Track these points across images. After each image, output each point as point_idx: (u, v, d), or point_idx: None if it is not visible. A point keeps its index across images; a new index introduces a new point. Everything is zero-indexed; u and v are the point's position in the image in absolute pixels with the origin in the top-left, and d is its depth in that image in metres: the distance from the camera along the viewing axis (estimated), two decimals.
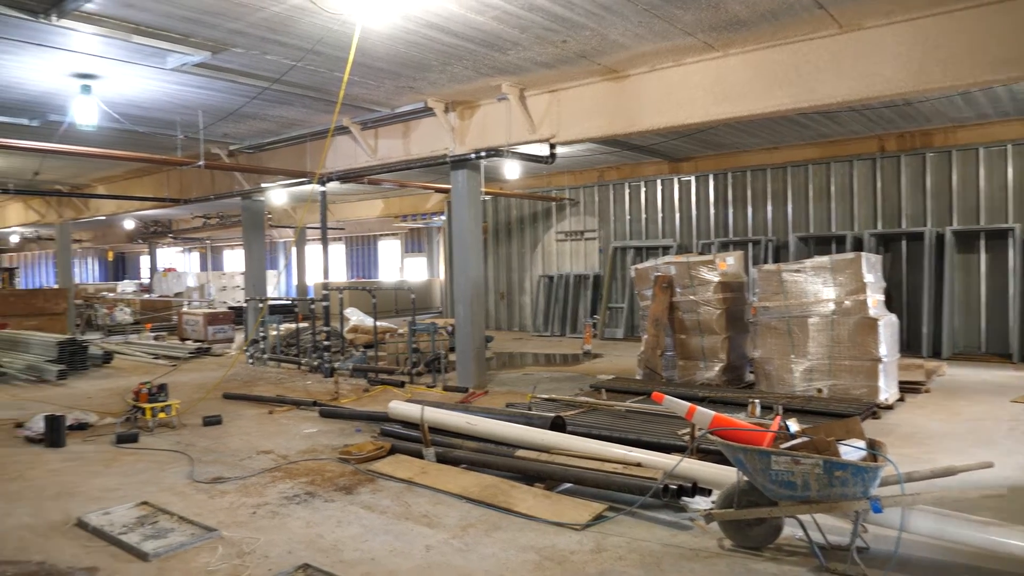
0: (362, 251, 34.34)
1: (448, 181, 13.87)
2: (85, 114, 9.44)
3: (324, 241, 12.89)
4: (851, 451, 4.32)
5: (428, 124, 11.32)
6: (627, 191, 17.60)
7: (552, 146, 10.63)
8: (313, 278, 24.89)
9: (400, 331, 13.57)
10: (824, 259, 9.06)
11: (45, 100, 10.01)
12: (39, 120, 10.92)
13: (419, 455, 6.73)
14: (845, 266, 8.85)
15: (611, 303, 17.52)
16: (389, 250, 33.45)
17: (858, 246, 13.63)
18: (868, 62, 7.53)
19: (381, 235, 33.34)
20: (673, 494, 5.26)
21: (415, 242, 31.88)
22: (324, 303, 12.64)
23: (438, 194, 21.14)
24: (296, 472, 6.53)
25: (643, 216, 17.34)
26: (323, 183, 12.85)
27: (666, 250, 16.56)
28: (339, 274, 34.02)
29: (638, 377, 10.40)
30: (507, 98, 10.00)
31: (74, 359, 12.90)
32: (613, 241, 17.72)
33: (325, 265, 12.75)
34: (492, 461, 6.29)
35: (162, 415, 8.42)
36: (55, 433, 7.69)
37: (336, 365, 12.13)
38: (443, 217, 22.21)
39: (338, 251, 34.57)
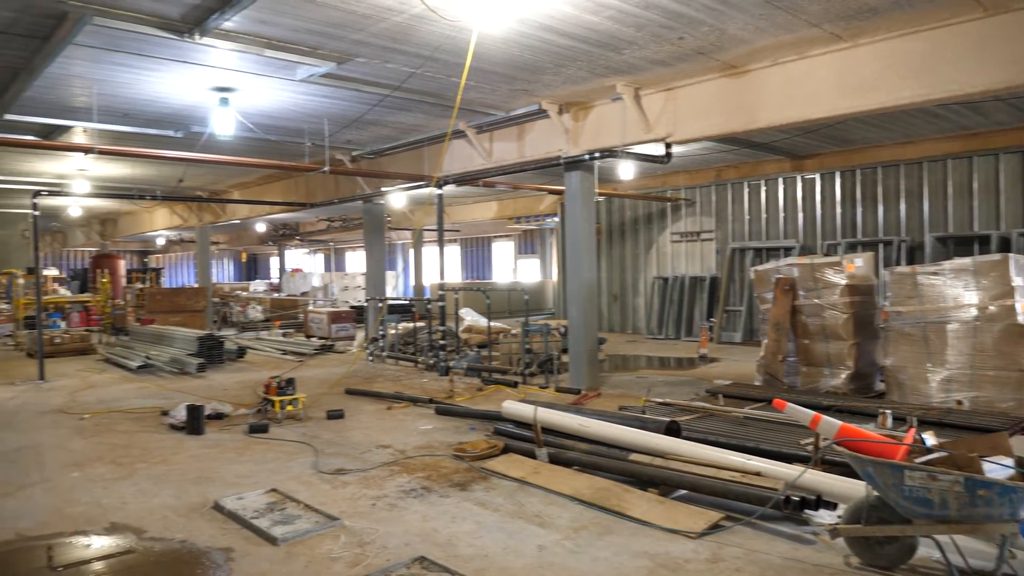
0: (476, 252, 34.96)
1: (562, 182, 13.89)
2: (223, 125, 10.11)
3: (440, 243, 13.22)
4: (997, 469, 4.00)
5: (542, 126, 11.38)
6: (746, 190, 17.02)
7: (668, 145, 10.44)
8: (429, 279, 25.58)
9: (513, 332, 13.71)
10: (966, 260, 8.41)
11: (188, 113, 10.80)
12: (183, 131, 11.79)
13: (531, 455, 6.77)
14: (990, 268, 8.18)
15: (728, 306, 16.99)
16: (503, 251, 33.88)
17: (1004, 247, 12.58)
18: (1018, 46, 6.94)
19: (495, 237, 33.82)
20: (795, 506, 5.04)
21: (528, 243, 32.12)
22: (440, 303, 12.96)
23: (551, 195, 21.19)
24: (413, 467, 6.73)
25: (763, 216, 16.72)
26: (440, 186, 13.18)
27: (788, 251, 15.89)
28: (454, 275, 34.78)
29: (757, 383, 10.04)
30: (621, 98, 9.91)
31: (212, 353, 13.86)
32: (731, 242, 17.19)
33: (441, 266, 13.07)
34: (605, 464, 6.25)
35: (290, 408, 8.90)
36: (195, 422, 8.28)
37: (451, 364, 12.41)
38: (556, 218, 22.26)
39: (453, 253, 35.35)
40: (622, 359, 14.34)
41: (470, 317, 17.68)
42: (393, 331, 14.79)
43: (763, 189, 16.71)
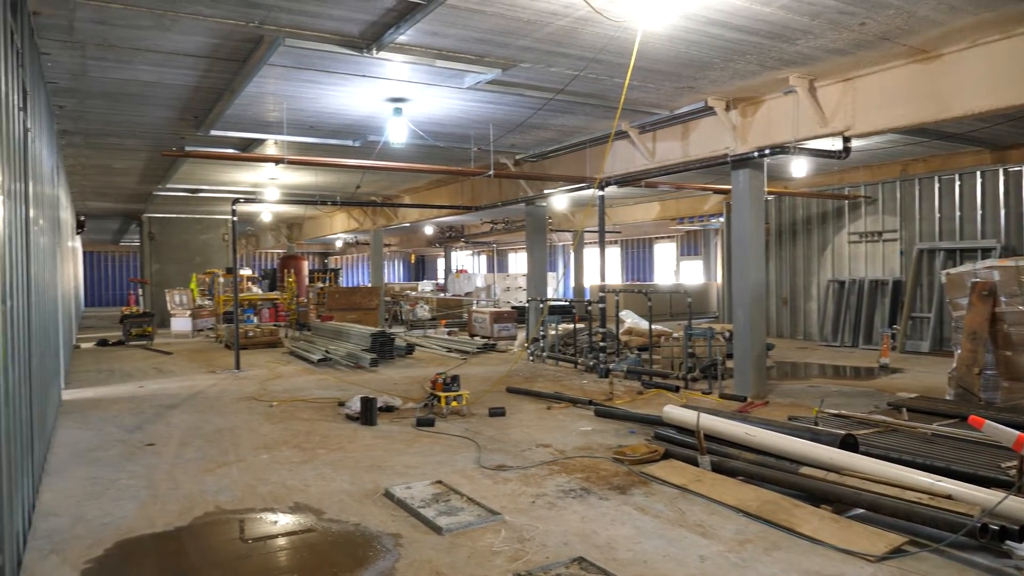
0: (637, 254, 34.54)
1: (728, 181, 13.40)
2: (397, 133, 10.70)
3: (601, 244, 13.20)
4: None
5: (707, 124, 11.05)
6: (936, 185, 15.58)
7: (846, 140, 9.78)
8: (590, 280, 25.60)
9: (675, 335, 13.42)
10: None
11: (365, 123, 11.53)
12: (360, 141, 12.60)
13: (693, 462, 6.60)
14: None
15: (914, 312, 15.63)
16: (664, 253, 33.23)
17: None
18: None
19: (657, 238, 33.25)
20: (994, 535, 4.55)
21: (691, 245, 31.29)
22: (600, 305, 12.94)
23: (717, 195, 20.53)
24: (572, 467, 6.77)
25: (956, 214, 15.22)
26: (602, 188, 13.17)
27: (986, 252, 14.36)
28: (615, 277, 34.57)
29: (948, 397, 9.15)
30: (794, 91, 9.41)
31: (383, 349, 14.70)
32: (918, 242, 15.80)
33: (602, 268, 13.04)
34: (772, 476, 5.97)
35: (454, 404, 9.25)
36: (368, 413, 8.83)
37: (611, 366, 12.35)
38: (721, 219, 21.51)
39: (614, 254, 35.15)
40: (791, 366, 13.61)
41: (630, 319, 17.50)
42: (553, 332, 14.95)
43: (957, 184, 15.22)
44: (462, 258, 44.31)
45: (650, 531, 5.16)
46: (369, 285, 25.63)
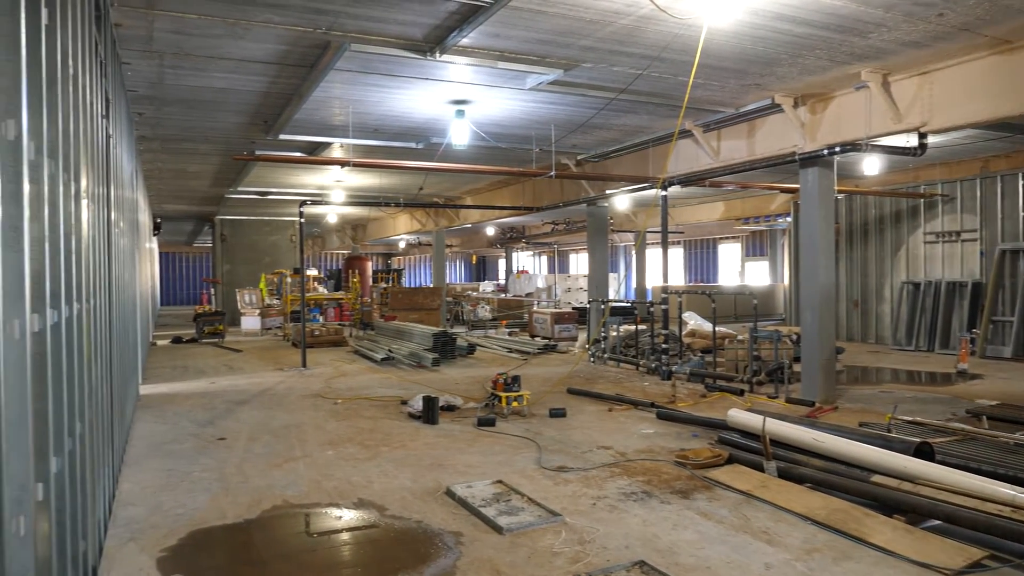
0: (701, 255, 33.99)
1: (795, 180, 13.08)
2: (459, 135, 10.80)
3: (664, 244, 13.04)
4: None
5: (774, 121, 10.80)
6: (1020, 183, 14.84)
7: (922, 136, 9.41)
8: (652, 281, 25.33)
9: (740, 337, 13.15)
10: None
11: (428, 125, 11.67)
12: (423, 143, 12.77)
13: (758, 467, 6.45)
14: None
15: (995, 316, 14.92)
16: (729, 254, 32.62)
17: None
18: None
19: (721, 238, 32.66)
20: None
21: (757, 245, 30.62)
22: (663, 306, 12.78)
23: (784, 194, 20.04)
24: (633, 470, 6.71)
25: None
26: (665, 187, 13.01)
27: None
28: (677, 278, 34.11)
29: None
30: (866, 86, 9.11)
31: (445, 349, 14.84)
32: (1000, 243, 15.08)
33: (664, 268, 12.89)
34: (841, 483, 5.78)
35: (515, 404, 9.27)
36: (430, 412, 8.93)
37: (673, 368, 12.18)
38: (789, 218, 20.98)
39: (676, 255, 34.68)
40: (862, 371, 13.17)
41: (693, 321, 17.23)
42: (615, 333, 14.84)
43: None
44: (523, 259, 44.41)
45: (713, 536, 5.07)
46: (431, 285, 25.91)
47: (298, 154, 13.49)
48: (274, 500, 5.98)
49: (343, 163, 12.17)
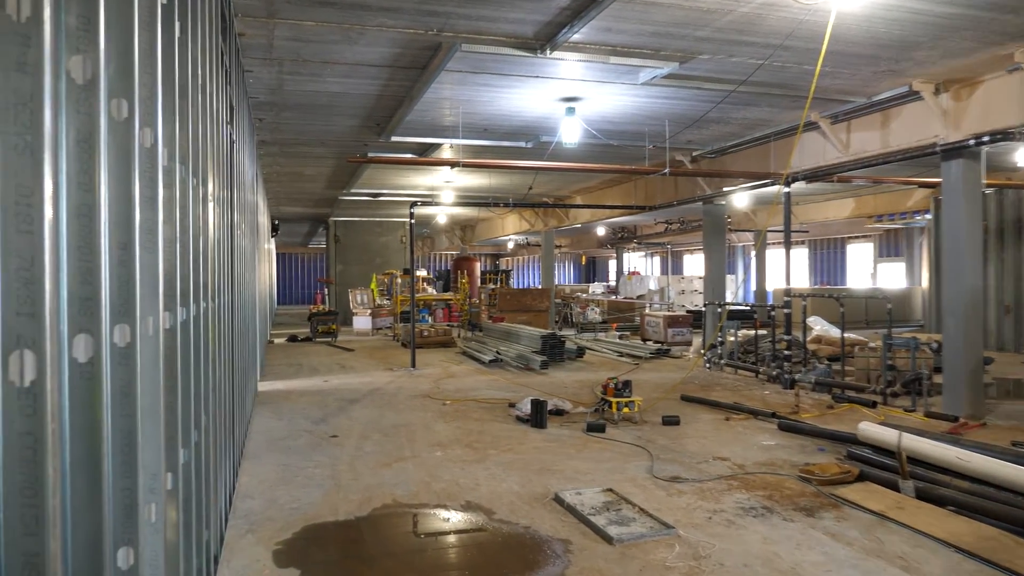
0: (827, 255, 32.49)
1: (936, 174, 12.29)
2: (569, 133, 10.80)
3: (787, 244, 12.55)
4: None
5: (911, 110, 10.18)
6: None
7: None
8: (773, 283, 24.44)
9: (871, 345, 12.47)
10: None
11: (538, 124, 11.74)
12: (533, 142, 12.86)
13: (893, 486, 6.10)
14: None
15: None
16: (859, 254, 31.00)
17: None
18: None
19: (850, 237, 31.09)
20: None
21: (891, 245, 28.95)
22: (785, 310, 12.31)
23: (922, 189, 18.84)
24: (752, 484, 6.50)
25: None
26: (788, 184, 12.53)
27: None
28: (801, 280, 32.74)
29: None
30: (1021, 68, 8.43)
31: (553, 351, 14.88)
32: None
33: (787, 270, 12.41)
34: (991, 508, 5.38)
35: (626, 410, 9.18)
36: (539, 415, 8.98)
37: (796, 377, 11.71)
38: (928, 216, 19.71)
39: (801, 255, 33.30)
40: (1015, 384, 12.17)
41: (819, 326, 16.49)
42: (732, 338, 14.42)
43: None
44: (634, 259, 43.90)
45: (842, 559, 4.83)
46: (540, 287, 26.06)
47: (409, 155, 13.90)
48: (384, 499, 6.18)
49: (453, 164, 12.44)
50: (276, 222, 24.71)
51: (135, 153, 2.09)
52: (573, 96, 10.11)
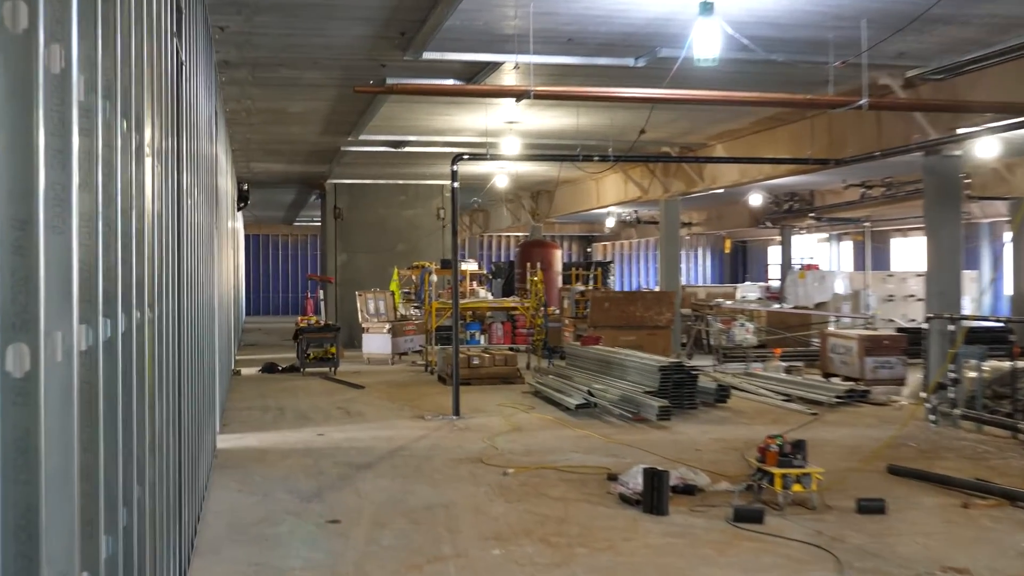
0: None
1: None
2: (705, 44, 10.70)
3: None
4: None
5: None
6: None
7: None
8: None
9: None
10: None
11: (653, 30, 11.70)
12: (645, 58, 12.82)
13: None
14: None
15: None
16: None
17: None
18: None
19: None
20: None
21: None
22: None
23: None
24: None
25: None
26: None
27: None
28: None
29: None
30: None
31: (679, 392, 14.76)
32: None
33: None
34: None
35: (797, 487, 9.04)
36: (656, 495, 8.91)
37: None
38: None
39: None
40: None
41: None
42: (974, 373, 14.07)
43: None
44: (809, 245, 43.21)
45: None
46: (657, 289, 25.92)
47: (451, 82, 14.00)
48: None
49: (519, 94, 12.46)
50: (245, 187, 25.09)
51: (38, 82, 2.14)
52: None
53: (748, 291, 36.52)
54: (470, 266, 31.54)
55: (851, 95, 12.90)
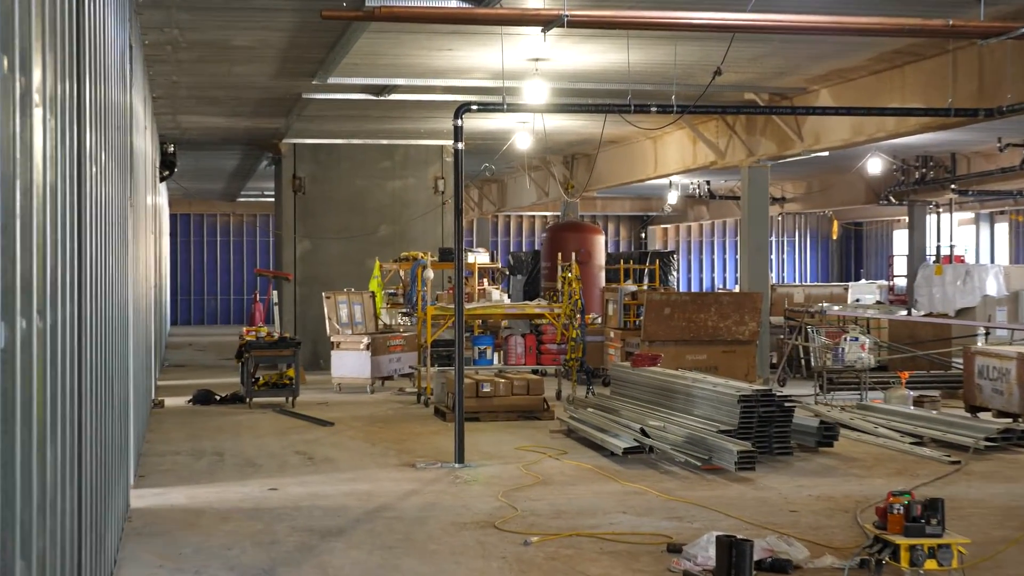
0: None
1: None
2: None
3: None
4: None
5: None
6: None
7: None
8: None
9: None
10: None
11: None
12: None
13: None
14: None
15: None
16: None
17: None
18: None
19: None
20: None
21: None
22: None
23: None
24: None
25: None
26: None
27: None
28: None
29: None
30: None
31: (767, 431, 14.71)
32: None
33: None
34: None
35: (931, 564, 8.99)
36: (735, 574, 8.89)
37: None
38: None
39: None
40: None
41: None
42: None
43: None
44: (950, 229, 43.07)
45: None
46: (736, 290, 25.86)
47: (455, 3, 14.00)
48: None
49: (547, 20, 12.46)
50: (171, 150, 25.16)
51: None
52: None
53: (863, 292, 36.48)
54: (479, 257, 31.45)
55: (1007, 22, 12.86)
